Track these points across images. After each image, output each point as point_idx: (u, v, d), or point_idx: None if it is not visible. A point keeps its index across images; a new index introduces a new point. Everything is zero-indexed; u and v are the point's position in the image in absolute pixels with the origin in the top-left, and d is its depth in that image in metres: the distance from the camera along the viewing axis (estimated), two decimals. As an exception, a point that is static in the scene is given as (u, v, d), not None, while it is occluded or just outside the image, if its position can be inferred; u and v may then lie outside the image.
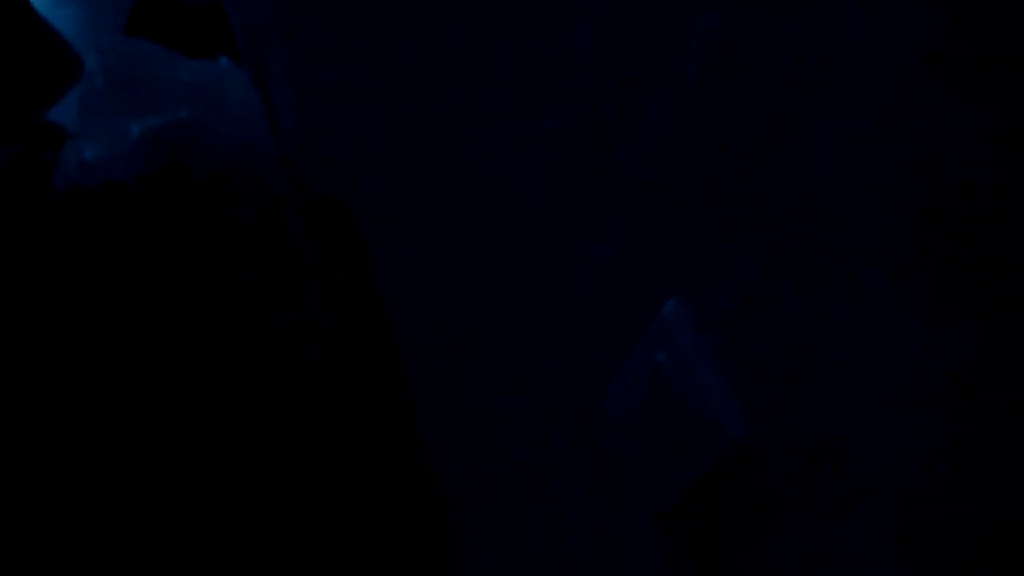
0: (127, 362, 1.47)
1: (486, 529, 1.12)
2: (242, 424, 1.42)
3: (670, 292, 0.56)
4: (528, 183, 0.78)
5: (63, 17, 2.26)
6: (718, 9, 0.47)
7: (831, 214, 0.41)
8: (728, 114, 0.47)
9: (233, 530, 1.37)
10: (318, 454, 1.40)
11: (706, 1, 0.48)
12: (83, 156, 1.67)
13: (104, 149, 1.65)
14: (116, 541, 1.35)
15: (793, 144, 0.42)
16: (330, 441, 1.42)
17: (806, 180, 0.42)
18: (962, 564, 0.37)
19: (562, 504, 0.85)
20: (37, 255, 1.50)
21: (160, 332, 1.48)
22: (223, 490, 1.39)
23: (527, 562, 0.98)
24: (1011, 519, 0.34)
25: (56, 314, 1.49)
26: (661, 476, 0.59)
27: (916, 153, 0.36)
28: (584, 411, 0.73)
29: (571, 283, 0.71)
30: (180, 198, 1.53)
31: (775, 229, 0.45)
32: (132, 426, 1.42)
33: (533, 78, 0.73)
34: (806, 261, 0.43)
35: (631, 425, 0.61)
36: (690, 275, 0.53)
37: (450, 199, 1.03)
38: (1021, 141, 0.31)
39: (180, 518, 1.36)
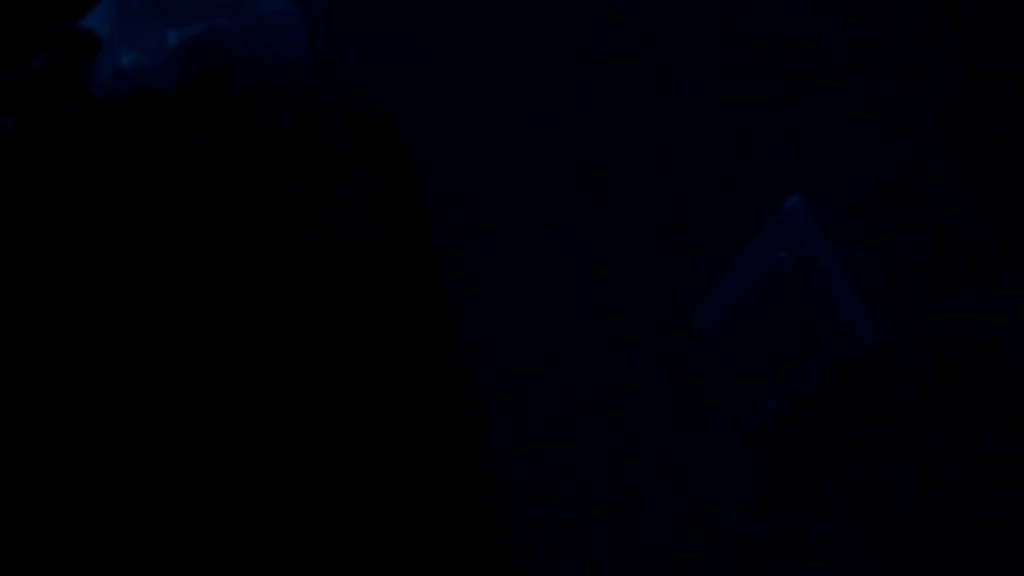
0: (162, 270, 1.44)
1: (534, 461, 1.09)
2: (282, 340, 1.39)
3: (790, 188, 0.51)
4: (616, 74, 0.73)
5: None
6: None
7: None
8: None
9: (269, 458, 1.35)
10: (355, 375, 1.37)
11: None
12: (119, 64, 1.62)
13: (141, 57, 1.60)
14: (153, 475, 1.34)
15: None
16: (368, 362, 1.39)
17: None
18: None
19: (628, 426, 0.81)
20: (73, 160, 1.46)
21: (197, 242, 1.45)
22: (253, 406, 1.36)
23: (580, 490, 0.95)
24: None
25: (93, 221, 1.45)
26: (763, 391, 0.55)
27: None
28: (665, 325, 0.69)
29: (659, 186, 0.66)
30: (220, 107, 1.48)
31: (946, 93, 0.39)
32: (164, 332, 1.39)
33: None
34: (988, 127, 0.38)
35: (730, 337, 0.57)
36: (816, 166, 0.48)
37: (515, 106, 0.98)
38: None
39: (208, 437, 1.34)
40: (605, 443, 0.86)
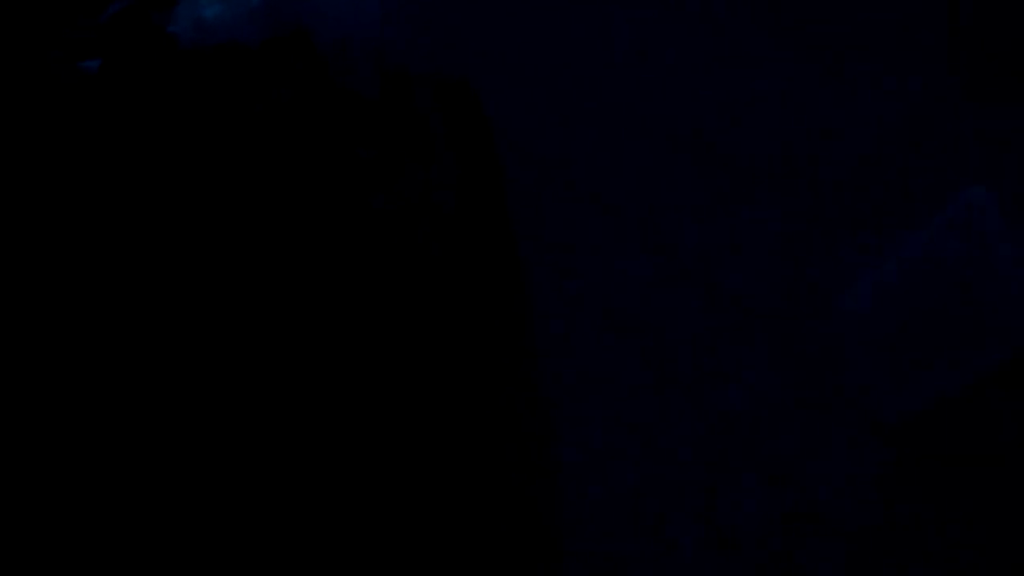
0: (231, 225, 1.45)
1: (613, 448, 1.09)
2: (352, 307, 1.39)
3: (970, 178, 0.51)
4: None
5: None
6: None
7: None
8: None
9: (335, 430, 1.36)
10: (421, 350, 1.38)
11: None
12: (201, 15, 1.61)
13: (224, 10, 1.60)
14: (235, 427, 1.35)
15: None
16: (441, 332, 1.39)
17: None
18: None
19: (729, 413, 0.82)
20: (156, 109, 1.47)
21: (269, 199, 1.45)
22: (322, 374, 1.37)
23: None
24: None
25: (169, 172, 1.46)
26: (912, 380, 0.55)
27: None
28: (796, 310, 0.69)
29: (810, 171, 0.65)
30: (304, 67, 1.48)
31: None
32: (226, 290, 1.40)
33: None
34: None
35: (881, 323, 0.57)
36: (1005, 159, 0.48)
37: (633, 84, 0.97)
38: None
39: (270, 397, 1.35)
40: (697, 431, 0.87)
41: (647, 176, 0.94)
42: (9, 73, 1.41)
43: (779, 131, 0.63)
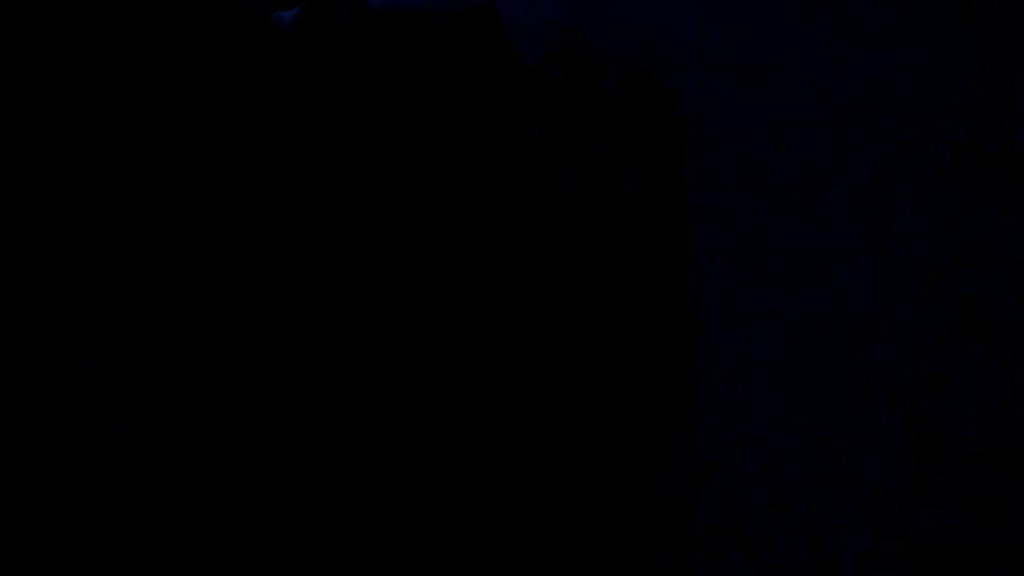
0: (401, 192, 1.46)
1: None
2: (510, 291, 1.39)
3: None
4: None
5: None
6: None
7: None
8: None
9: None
10: (586, 338, 1.37)
11: None
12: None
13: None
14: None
15: None
16: (601, 322, 1.38)
17: None
18: None
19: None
20: (344, 68, 1.49)
21: (440, 170, 1.46)
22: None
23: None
24: None
25: (349, 132, 1.48)
26: None
27: None
28: None
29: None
30: (486, 39, 1.48)
31: None
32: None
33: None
34: None
35: None
36: None
37: (855, 84, 0.95)
38: None
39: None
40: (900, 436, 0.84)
41: (870, 182, 0.91)
42: (208, 18, 1.44)
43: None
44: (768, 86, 1.17)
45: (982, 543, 0.80)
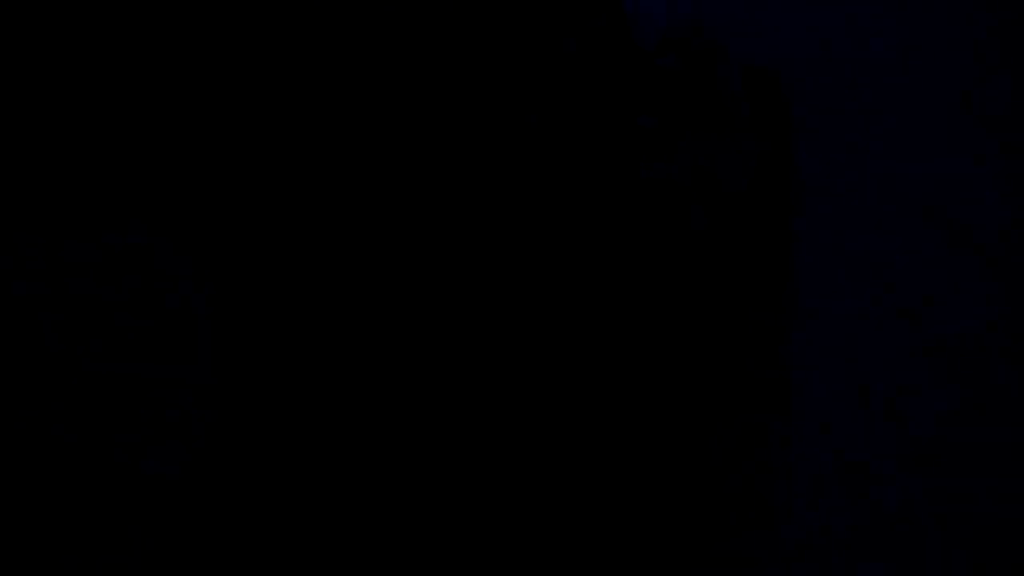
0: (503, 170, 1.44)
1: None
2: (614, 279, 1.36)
3: None
4: None
5: None
6: None
7: None
8: None
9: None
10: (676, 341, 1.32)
11: None
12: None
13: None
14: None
15: None
16: (691, 329, 1.34)
17: None
18: None
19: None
20: (447, 30, 1.48)
21: (535, 150, 1.43)
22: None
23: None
24: None
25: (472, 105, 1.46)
26: None
27: None
28: None
29: None
30: (600, 19, 1.45)
31: None
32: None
33: None
34: None
35: None
36: None
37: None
38: None
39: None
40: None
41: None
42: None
43: None
44: (894, 92, 1.09)
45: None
